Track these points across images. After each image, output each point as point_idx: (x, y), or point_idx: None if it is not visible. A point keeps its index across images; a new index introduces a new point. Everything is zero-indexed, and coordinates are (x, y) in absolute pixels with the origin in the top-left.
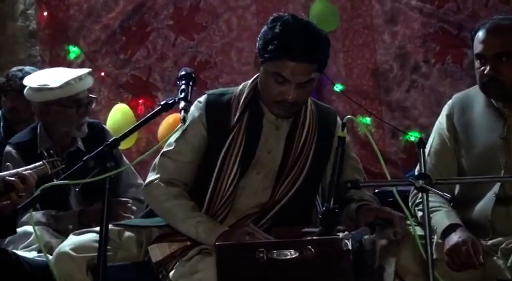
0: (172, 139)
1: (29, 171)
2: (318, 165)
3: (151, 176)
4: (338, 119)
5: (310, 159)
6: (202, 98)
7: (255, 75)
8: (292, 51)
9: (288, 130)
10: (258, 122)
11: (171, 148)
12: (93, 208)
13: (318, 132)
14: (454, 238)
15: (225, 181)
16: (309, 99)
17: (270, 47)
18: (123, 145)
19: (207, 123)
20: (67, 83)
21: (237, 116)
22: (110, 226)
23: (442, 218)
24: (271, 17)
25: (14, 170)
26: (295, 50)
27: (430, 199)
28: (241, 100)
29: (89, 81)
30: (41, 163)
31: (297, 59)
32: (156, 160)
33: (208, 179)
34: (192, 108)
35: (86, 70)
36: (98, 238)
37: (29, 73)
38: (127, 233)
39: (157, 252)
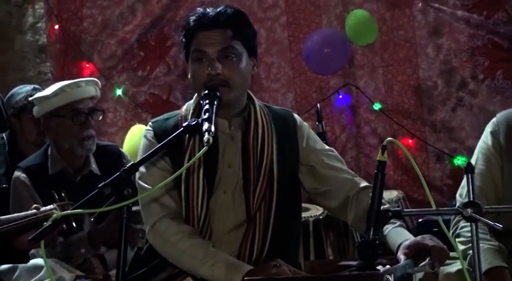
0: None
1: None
2: (287, 168)
3: (151, 217)
4: (295, 115)
5: (276, 164)
6: (149, 128)
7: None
8: (201, 20)
9: (241, 138)
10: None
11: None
12: (100, 227)
13: (276, 134)
14: None
15: (195, 204)
16: (258, 102)
17: (185, 31)
18: None
19: (164, 151)
20: (61, 90)
21: (187, 135)
22: None
23: (487, 255)
24: None
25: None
26: (203, 18)
27: (466, 226)
28: (189, 116)
29: (90, 90)
30: (52, 206)
31: (206, 27)
32: (145, 201)
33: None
34: (143, 141)
35: (89, 78)
36: None
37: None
38: None
39: None
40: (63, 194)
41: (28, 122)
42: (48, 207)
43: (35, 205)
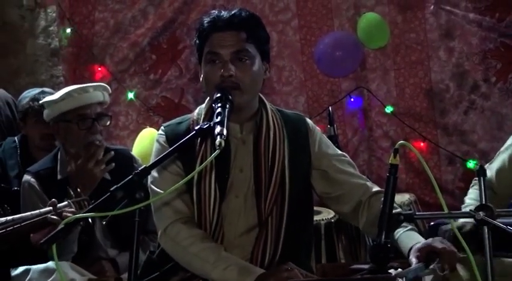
0: (160, 180)
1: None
2: (299, 172)
3: (163, 221)
4: (308, 120)
5: (288, 168)
6: (161, 132)
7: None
8: (215, 22)
9: (253, 142)
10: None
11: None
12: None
13: (288, 138)
14: None
15: (207, 208)
16: (270, 106)
17: (198, 33)
18: None
19: (176, 155)
20: (68, 95)
21: (199, 139)
22: None
23: None
24: None
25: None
26: (218, 20)
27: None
28: (201, 120)
29: (97, 96)
30: (66, 203)
31: (220, 29)
32: (157, 205)
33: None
34: (156, 145)
35: (98, 84)
36: None
37: (50, 94)
38: None
39: None
40: (78, 190)
41: (31, 126)
42: (63, 203)
43: (51, 201)
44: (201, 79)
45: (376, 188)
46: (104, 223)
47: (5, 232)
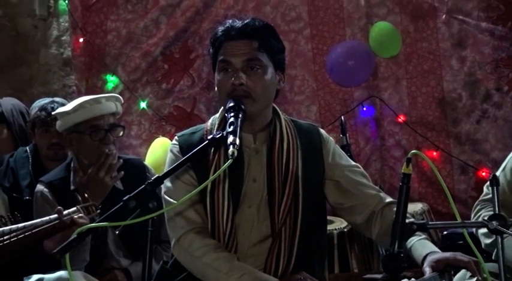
0: (174, 190)
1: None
2: (313, 182)
3: (176, 231)
4: (321, 130)
5: (301, 179)
6: (175, 142)
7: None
8: (228, 31)
9: (266, 152)
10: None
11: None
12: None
13: (302, 149)
14: None
15: (221, 218)
16: (283, 116)
17: (212, 42)
18: None
19: (189, 165)
20: (81, 106)
21: (213, 149)
22: None
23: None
24: None
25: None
26: (231, 29)
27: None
28: (215, 130)
29: (110, 106)
30: (74, 208)
31: (233, 37)
32: (170, 215)
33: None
34: (169, 155)
35: (110, 94)
36: None
37: (62, 105)
38: None
39: None
40: (86, 195)
41: (39, 135)
42: (71, 209)
43: (57, 208)
44: (215, 88)
45: (389, 199)
46: (117, 232)
47: (16, 239)
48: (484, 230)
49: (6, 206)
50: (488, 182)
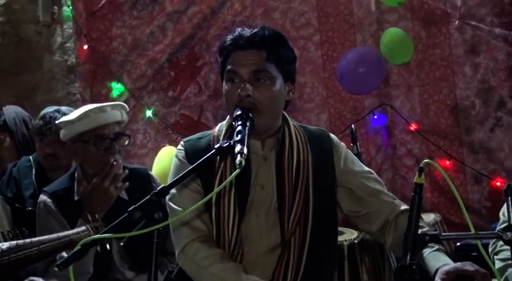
0: (179, 197)
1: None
2: (324, 190)
3: (181, 240)
4: (332, 135)
5: (312, 186)
6: (180, 147)
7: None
8: (237, 40)
9: (275, 159)
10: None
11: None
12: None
13: (312, 155)
14: None
15: (226, 227)
16: (292, 122)
17: (220, 50)
18: None
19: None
20: (85, 115)
21: (219, 157)
22: None
23: None
24: None
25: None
26: (240, 39)
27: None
28: (221, 138)
29: (115, 115)
30: (84, 228)
31: (241, 47)
32: (175, 223)
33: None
34: (174, 160)
35: (115, 103)
36: None
37: (66, 114)
38: None
39: None
40: (96, 216)
41: (37, 145)
42: (81, 228)
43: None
44: (224, 98)
45: (403, 206)
46: (122, 244)
47: (24, 256)
48: (500, 256)
49: (9, 217)
50: (502, 209)
